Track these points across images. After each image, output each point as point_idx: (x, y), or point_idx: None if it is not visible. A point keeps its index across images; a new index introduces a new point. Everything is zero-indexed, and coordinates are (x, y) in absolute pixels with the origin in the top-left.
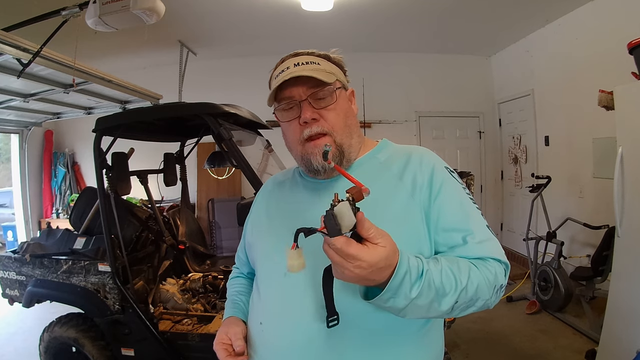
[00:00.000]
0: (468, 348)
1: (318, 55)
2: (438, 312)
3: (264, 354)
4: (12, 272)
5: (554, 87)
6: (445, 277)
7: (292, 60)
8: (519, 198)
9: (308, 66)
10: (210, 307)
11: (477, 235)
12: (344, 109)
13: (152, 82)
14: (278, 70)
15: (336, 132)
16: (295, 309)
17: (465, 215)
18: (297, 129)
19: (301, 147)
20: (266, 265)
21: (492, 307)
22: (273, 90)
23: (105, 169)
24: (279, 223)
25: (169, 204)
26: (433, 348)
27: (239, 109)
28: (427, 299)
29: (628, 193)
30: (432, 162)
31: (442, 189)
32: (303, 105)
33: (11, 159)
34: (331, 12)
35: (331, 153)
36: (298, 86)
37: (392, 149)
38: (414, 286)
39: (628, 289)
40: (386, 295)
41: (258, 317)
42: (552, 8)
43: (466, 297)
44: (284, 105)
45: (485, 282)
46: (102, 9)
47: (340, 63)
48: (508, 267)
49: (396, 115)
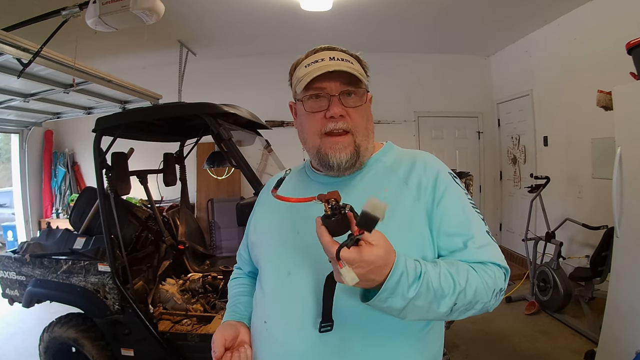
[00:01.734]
0: (467, 348)
1: (351, 55)
2: (437, 314)
3: (268, 352)
4: (12, 272)
5: (552, 87)
6: (443, 279)
7: (327, 53)
8: (518, 198)
9: (344, 63)
10: (209, 307)
11: (477, 240)
12: (367, 112)
13: (152, 82)
14: (310, 59)
15: (358, 132)
16: (299, 309)
17: (467, 220)
18: (319, 121)
19: (319, 139)
20: (271, 264)
21: (491, 311)
22: (308, 79)
23: (105, 169)
24: (283, 219)
25: (168, 204)
26: (432, 348)
27: (238, 109)
28: (426, 300)
29: (627, 193)
30: (436, 167)
31: (445, 193)
32: (333, 100)
33: (11, 159)
34: (330, 12)
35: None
36: (332, 80)
37: (397, 153)
38: (412, 286)
39: (627, 290)
40: (384, 294)
41: (262, 315)
42: (551, 8)
43: (465, 300)
44: (314, 94)
45: (483, 286)
46: (102, 9)
47: (366, 67)
48: (508, 271)
49: (395, 115)
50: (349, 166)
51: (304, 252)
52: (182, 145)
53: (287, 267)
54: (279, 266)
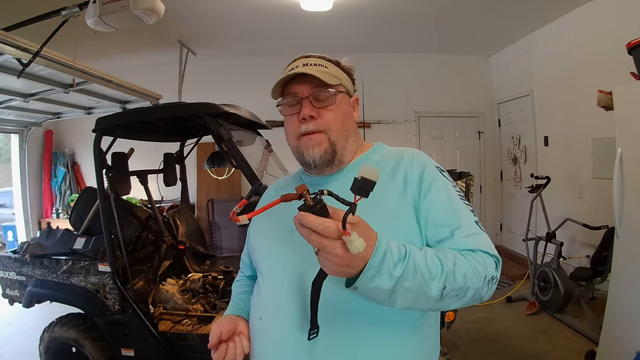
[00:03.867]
0: (468, 349)
1: (329, 60)
2: (428, 297)
3: (263, 346)
4: (12, 272)
5: (553, 87)
6: (430, 260)
7: (301, 61)
8: (518, 198)
9: (315, 67)
10: (210, 308)
11: (465, 230)
12: (343, 112)
13: (152, 82)
14: (288, 68)
15: (332, 130)
16: (292, 303)
17: (454, 211)
18: (295, 123)
19: (296, 140)
20: (267, 263)
21: (485, 299)
22: (278, 84)
23: (105, 169)
24: (278, 220)
25: (168, 204)
26: (428, 344)
27: (238, 109)
28: (414, 281)
29: (627, 193)
30: (422, 161)
31: (432, 186)
32: (304, 102)
33: (11, 159)
34: (330, 12)
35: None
36: (303, 84)
37: (385, 151)
38: (397, 265)
39: (628, 290)
40: (369, 272)
41: (258, 312)
42: (551, 8)
43: (455, 284)
44: (287, 100)
45: (472, 271)
46: (102, 9)
47: (350, 71)
48: (499, 260)
49: (395, 115)
50: (325, 163)
51: (297, 248)
52: (182, 145)
53: (282, 264)
54: (274, 264)
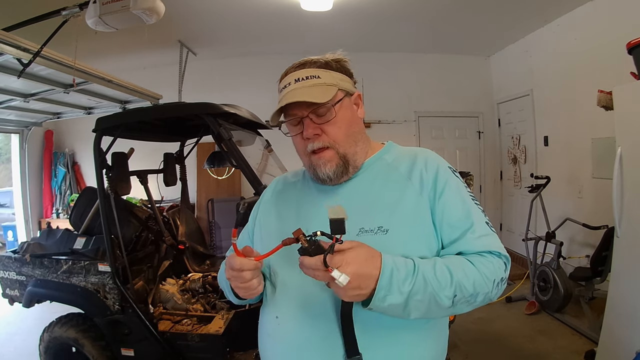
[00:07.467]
0: (467, 349)
1: (319, 66)
2: (441, 307)
3: (280, 346)
4: (12, 272)
5: (553, 87)
6: (439, 271)
7: (293, 76)
8: (518, 198)
9: (308, 82)
10: (209, 308)
11: (477, 231)
12: (346, 119)
13: (152, 82)
14: (282, 84)
15: (338, 144)
16: (313, 305)
17: (467, 212)
18: (302, 142)
19: (307, 158)
20: (282, 264)
21: (494, 300)
22: (276, 112)
23: (105, 169)
24: (292, 224)
25: (168, 204)
26: (437, 344)
27: (238, 109)
28: (425, 293)
29: (627, 193)
30: (436, 162)
31: (446, 187)
32: (305, 121)
33: (11, 159)
34: (330, 12)
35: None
36: (299, 105)
37: (398, 151)
38: (406, 280)
39: (627, 290)
40: (380, 293)
41: (274, 311)
42: (551, 8)
43: (465, 292)
44: (290, 120)
45: (481, 277)
46: (102, 9)
47: (345, 67)
48: (508, 260)
49: (395, 115)
50: (338, 176)
51: None
52: (182, 145)
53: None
54: (292, 265)
